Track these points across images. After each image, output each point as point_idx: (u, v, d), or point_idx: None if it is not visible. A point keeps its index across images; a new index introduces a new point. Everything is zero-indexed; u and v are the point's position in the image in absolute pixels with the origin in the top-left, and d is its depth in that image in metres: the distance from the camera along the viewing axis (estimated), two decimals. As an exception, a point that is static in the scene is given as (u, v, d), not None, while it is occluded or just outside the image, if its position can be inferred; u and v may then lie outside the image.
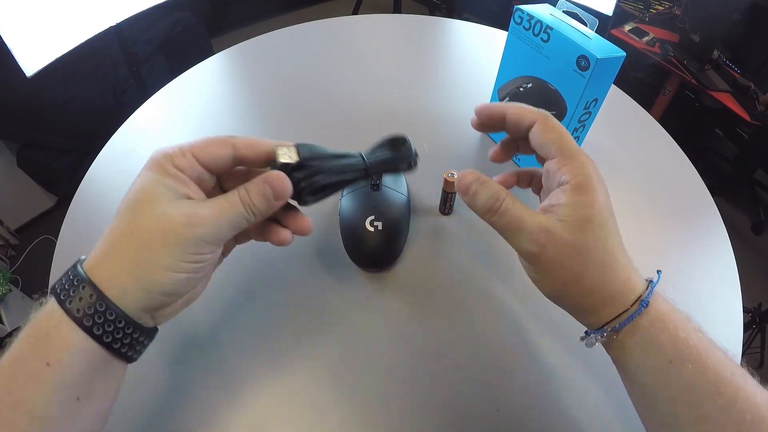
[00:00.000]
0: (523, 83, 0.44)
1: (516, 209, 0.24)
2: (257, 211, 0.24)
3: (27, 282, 1.31)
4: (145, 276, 0.21)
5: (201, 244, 0.22)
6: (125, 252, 0.21)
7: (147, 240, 0.21)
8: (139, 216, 0.21)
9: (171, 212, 0.21)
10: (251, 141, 0.25)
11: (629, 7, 1.59)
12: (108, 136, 0.52)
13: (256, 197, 0.23)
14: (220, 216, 0.22)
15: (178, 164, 0.23)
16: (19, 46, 0.87)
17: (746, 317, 1.22)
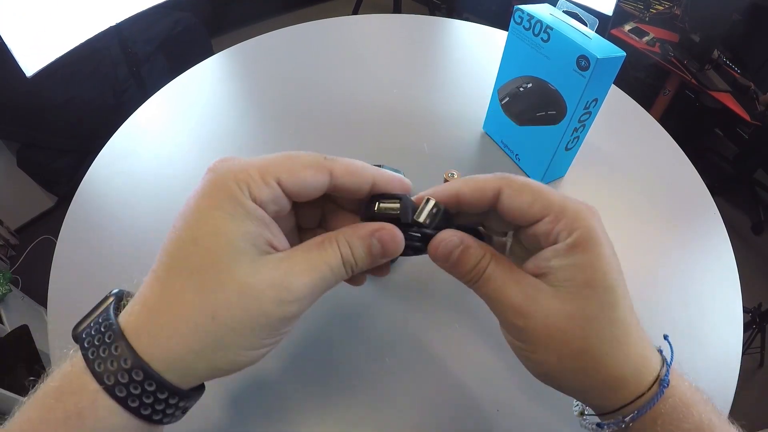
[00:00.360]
0: (523, 83, 0.44)
1: (499, 277, 0.19)
2: (357, 270, 0.19)
3: (27, 282, 1.31)
4: (217, 357, 0.17)
5: (291, 320, 0.18)
6: (190, 332, 0.16)
7: (225, 320, 0.16)
8: (213, 285, 0.16)
9: (257, 282, 0.17)
10: (352, 167, 0.19)
11: (629, 7, 1.59)
12: (108, 136, 0.52)
13: (361, 254, 0.19)
14: (316, 285, 0.18)
15: (258, 197, 0.17)
16: (19, 46, 0.87)
17: (746, 317, 1.22)
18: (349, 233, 0.19)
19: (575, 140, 0.43)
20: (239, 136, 0.52)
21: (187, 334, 0.16)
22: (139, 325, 0.17)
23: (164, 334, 0.16)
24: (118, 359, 0.16)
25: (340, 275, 0.19)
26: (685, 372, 0.21)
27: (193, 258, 0.17)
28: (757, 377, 1.24)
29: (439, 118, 0.55)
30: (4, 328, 1.02)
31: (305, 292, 0.18)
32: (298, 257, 0.18)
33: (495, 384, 0.32)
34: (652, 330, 0.36)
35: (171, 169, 0.48)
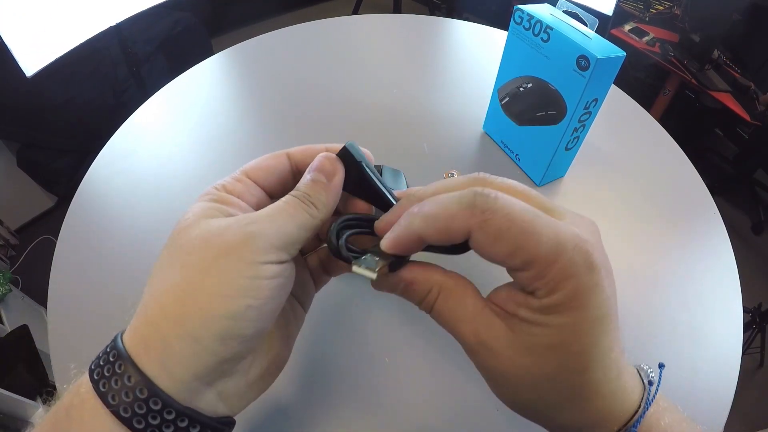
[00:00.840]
0: (523, 83, 0.44)
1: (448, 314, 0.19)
2: (318, 203, 0.19)
3: (27, 282, 1.31)
4: (189, 313, 0.15)
5: (262, 247, 0.16)
6: (162, 291, 0.16)
7: (191, 261, 0.16)
8: (181, 240, 0.17)
9: (218, 223, 0.17)
10: (306, 147, 0.21)
11: (629, 7, 1.59)
12: (108, 136, 0.52)
13: (309, 185, 0.19)
14: (278, 214, 0.17)
15: (232, 190, 0.19)
16: (19, 46, 0.87)
17: (746, 317, 1.22)
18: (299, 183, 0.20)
19: (575, 140, 0.43)
20: (239, 136, 0.52)
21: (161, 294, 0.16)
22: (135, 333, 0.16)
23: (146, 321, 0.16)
24: (122, 377, 0.15)
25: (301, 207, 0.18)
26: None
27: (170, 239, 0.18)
28: (757, 377, 1.24)
29: (439, 118, 0.55)
30: (4, 328, 1.02)
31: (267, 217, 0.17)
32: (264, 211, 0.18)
33: (495, 384, 0.32)
34: (652, 331, 0.36)
35: (171, 169, 0.48)
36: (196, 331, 0.15)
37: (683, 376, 0.34)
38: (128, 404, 0.15)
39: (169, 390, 0.15)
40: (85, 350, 0.34)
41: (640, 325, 0.36)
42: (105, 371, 0.15)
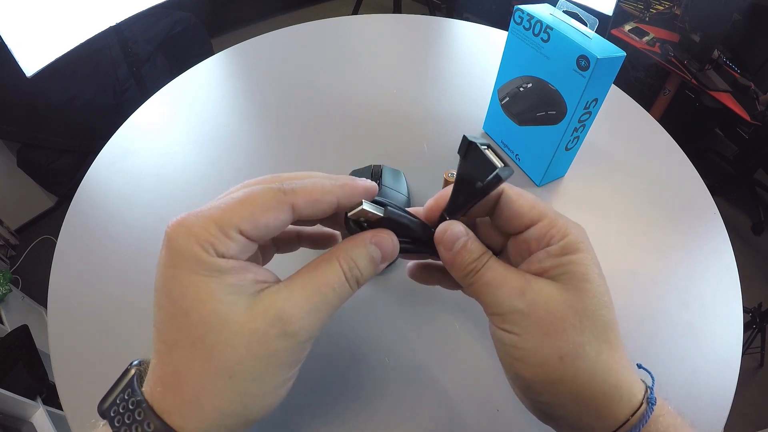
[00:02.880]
0: (523, 83, 0.44)
1: (499, 267, 0.20)
2: (363, 281, 0.19)
3: (27, 282, 1.31)
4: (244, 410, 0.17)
5: (303, 347, 0.18)
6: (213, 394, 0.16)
7: (241, 375, 0.16)
8: (221, 347, 0.16)
9: (258, 325, 0.17)
10: (312, 195, 0.18)
11: (629, 7, 1.59)
12: (108, 136, 0.52)
13: (365, 264, 0.19)
14: (322, 306, 0.18)
15: (225, 253, 0.17)
16: (19, 46, 0.87)
17: (746, 317, 1.22)
18: (349, 247, 0.19)
19: (575, 140, 0.43)
20: (239, 136, 0.52)
21: (215, 402, 0.16)
22: (164, 406, 0.17)
23: (192, 409, 0.16)
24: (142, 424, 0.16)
25: (345, 292, 0.19)
26: (668, 398, 0.20)
27: (190, 330, 0.16)
28: (757, 377, 1.24)
29: (439, 118, 0.55)
30: (4, 328, 1.02)
31: (308, 318, 0.17)
32: (296, 284, 0.18)
33: (495, 384, 0.32)
34: (652, 331, 0.36)
35: (171, 169, 0.48)
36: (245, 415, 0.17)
37: (683, 376, 0.34)
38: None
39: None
40: (85, 350, 0.34)
41: (640, 325, 0.36)
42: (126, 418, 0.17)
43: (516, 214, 0.20)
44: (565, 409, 0.19)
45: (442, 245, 0.20)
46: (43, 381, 0.93)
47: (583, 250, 0.19)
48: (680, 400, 0.32)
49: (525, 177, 0.48)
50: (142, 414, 0.16)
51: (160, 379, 0.17)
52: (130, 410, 0.16)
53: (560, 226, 0.19)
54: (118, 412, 0.17)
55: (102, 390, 0.18)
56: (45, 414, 0.88)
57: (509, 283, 0.19)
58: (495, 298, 0.19)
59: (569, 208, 0.45)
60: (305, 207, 0.18)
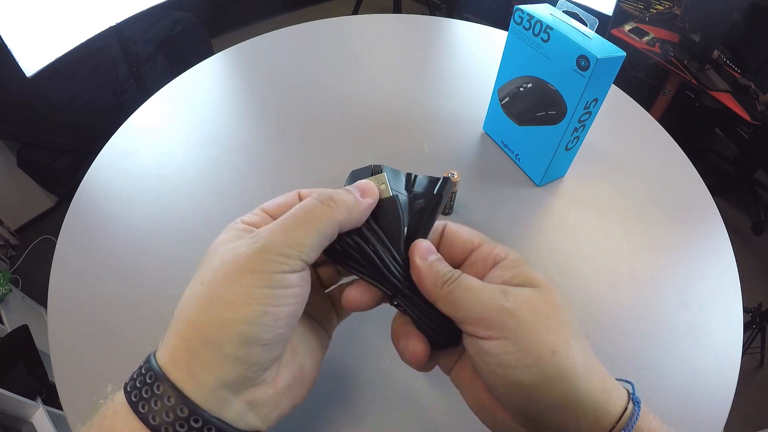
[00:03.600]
0: (523, 83, 0.44)
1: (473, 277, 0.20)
2: (342, 204, 0.19)
3: (27, 282, 1.31)
4: (210, 320, 0.16)
5: (272, 257, 0.17)
6: (186, 306, 0.17)
7: (209, 277, 0.17)
8: (205, 263, 0.18)
9: (233, 244, 0.18)
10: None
11: (629, 6, 1.59)
12: (108, 136, 0.52)
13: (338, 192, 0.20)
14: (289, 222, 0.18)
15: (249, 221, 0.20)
16: (19, 46, 0.87)
17: (746, 317, 1.22)
18: None
19: (575, 140, 0.43)
20: (239, 136, 0.52)
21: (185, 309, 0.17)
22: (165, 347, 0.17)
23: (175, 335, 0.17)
24: (161, 398, 0.16)
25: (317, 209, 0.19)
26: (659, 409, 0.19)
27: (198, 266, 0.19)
28: (757, 377, 1.24)
29: (439, 118, 0.55)
30: (4, 328, 1.02)
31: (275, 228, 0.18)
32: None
33: (495, 384, 0.32)
34: (652, 331, 0.36)
35: (171, 169, 0.48)
36: (217, 336, 0.16)
37: (683, 376, 0.34)
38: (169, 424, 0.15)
39: (197, 399, 0.16)
40: (85, 350, 0.34)
41: (640, 325, 0.36)
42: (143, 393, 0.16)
43: (460, 240, 0.22)
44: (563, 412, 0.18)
45: (418, 255, 0.21)
46: (43, 381, 0.93)
47: (527, 264, 0.20)
48: (680, 400, 0.33)
49: (525, 177, 0.48)
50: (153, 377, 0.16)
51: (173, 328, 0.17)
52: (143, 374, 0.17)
53: (499, 248, 0.21)
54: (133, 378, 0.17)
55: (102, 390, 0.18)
56: (45, 414, 0.88)
57: (490, 289, 0.19)
58: (479, 301, 0.19)
59: (569, 208, 0.45)
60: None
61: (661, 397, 0.32)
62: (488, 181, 0.47)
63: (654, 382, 0.33)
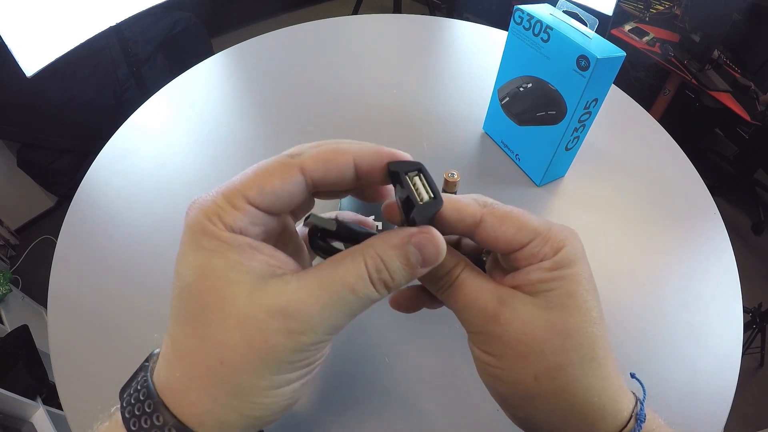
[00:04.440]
0: (523, 83, 0.44)
1: (472, 283, 0.18)
2: (395, 286, 0.17)
3: (27, 282, 1.31)
4: (243, 404, 0.15)
5: (310, 349, 0.16)
6: (205, 381, 0.15)
7: (233, 362, 0.15)
8: (213, 327, 0.15)
9: (257, 313, 0.15)
10: (323, 154, 0.17)
11: (629, 7, 1.59)
12: (108, 136, 0.52)
13: (397, 268, 0.16)
14: (336, 308, 0.15)
15: (231, 224, 0.16)
16: (19, 46, 0.87)
17: (746, 317, 1.22)
18: (381, 243, 0.16)
19: (575, 140, 0.43)
20: (239, 136, 0.52)
21: (205, 384, 0.15)
22: (163, 380, 0.16)
23: (184, 387, 0.15)
24: (151, 416, 0.15)
25: (368, 296, 0.16)
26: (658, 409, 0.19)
27: (190, 304, 0.16)
28: (757, 377, 1.24)
29: (439, 118, 0.55)
30: (4, 328, 1.02)
31: (317, 318, 0.15)
32: (310, 277, 0.16)
33: (495, 384, 0.32)
34: (652, 331, 0.36)
35: (171, 169, 0.48)
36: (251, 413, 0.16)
37: (683, 376, 0.34)
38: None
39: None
40: (85, 350, 0.34)
41: (640, 325, 0.36)
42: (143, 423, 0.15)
43: (500, 242, 0.18)
44: (543, 426, 0.18)
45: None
46: (43, 381, 0.93)
47: (575, 264, 0.17)
48: (680, 401, 0.33)
49: (525, 177, 0.48)
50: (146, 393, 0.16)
51: (163, 356, 0.16)
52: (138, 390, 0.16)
53: (553, 240, 0.18)
54: (130, 394, 0.16)
55: (102, 390, 0.19)
56: (45, 414, 0.88)
57: (482, 304, 0.18)
58: (468, 317, 0.18)
59: (569, 208, 0.45)
60: (315, 169, 0.16)
61: (661, 397, 0.32)
62: (488, 181, 0.47)
63: (654, 382, 0.33)
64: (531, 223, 0.18)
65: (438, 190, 0.17)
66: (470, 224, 0.18)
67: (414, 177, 0.17)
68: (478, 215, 0.18)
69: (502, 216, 0.18)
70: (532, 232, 0.18)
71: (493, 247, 0.19)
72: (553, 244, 0.18)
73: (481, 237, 0.18)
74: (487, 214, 0.18)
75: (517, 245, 0.18)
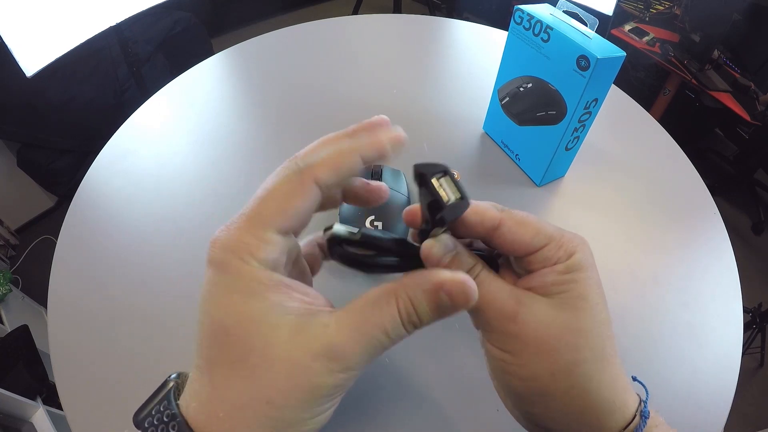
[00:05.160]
0: (523, 83, 0.44)
1: (490, 284, 0.19)
2: (422, 327, 0.17)
3: (27, 282, 1.31)
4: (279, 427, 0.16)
5: (347, 383, 0.17)
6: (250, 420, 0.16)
7: (280, 402, 0.16)
8: (260, 371, 0.16)
9: (302, 357, 0.16)
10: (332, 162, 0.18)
11: (629, 6, 1.59)
12: (108, 136, 0.52)
13: (425, 311, 0.17)
14: (373, 350, 0.17)
15: (265, 260, 0.16)
16: (19, 46, 0.87)
17: (746, 317, 1.22)
18: (412, 286, 0.17)
19: (575, 140, 0.43)
20: (239, 136, 0.52)
21: (250, 423, 0.16)
22: (198, 422, 0.16)
23: (229, 427, 0.16)
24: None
25: (400, 336, 0.17)
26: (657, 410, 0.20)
27: (231, 349, 0.16)
28: (757, 377, 1.24)
29: (439, 118, 0.55)
30: (4, 328, 1.02)
31: (356, 358, 0.16)
32: (347, 320, 0.17)
33: (495, 384, 0.32)
34: (652, 331, 0.36)
35: (171, 169, 0.48)
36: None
37: (683, 376, 0.34)
38: None
39: None
40: (85, 350, 0.34)
41: (640, 325, 0.36)
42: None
43: (517, 245, 0.19)
44: (556, 422, 0.19)
45: (428, 262, 0.19)
46: (43, 381, 0.93)
47: (586, 269, 0.19)
48: (680, 400, 0.33)
49: (525, 177, 0.48)
50: (176, 427, 0.16)
51: (197, 394, 0.16)
52: (165, 422, 0.16)
53: (566, 246, 0.19)
54: (153, 424, 0.16)
55: (102, 390, 0.18)
56: (45, 414, 0.88)
57: (500, 304, 0.19)
58: (485, 317, 0.19)
59: (569, 208, 0.45)
60: (329, 177, 0.17)
61: (662, 397, 0.32)
62: (488, 181, 0.47)
63: (654, 382, 0.33)
64: (546, 228, 0.19)
65: (465, 191, 0.18)
66: (489, 227, 0.19)
67: (441, 179, 0.18)
68: (497, 219, 0.19)
69: (520, 220, 0.19)
70: (547, 237, 0.19)
71: (509, 249, 0.19)
72: (567, 249, 0.19)
73: (499, 240, 0.19)
74: (506, 219, 0.19)
75: (533, 249, 0.19)
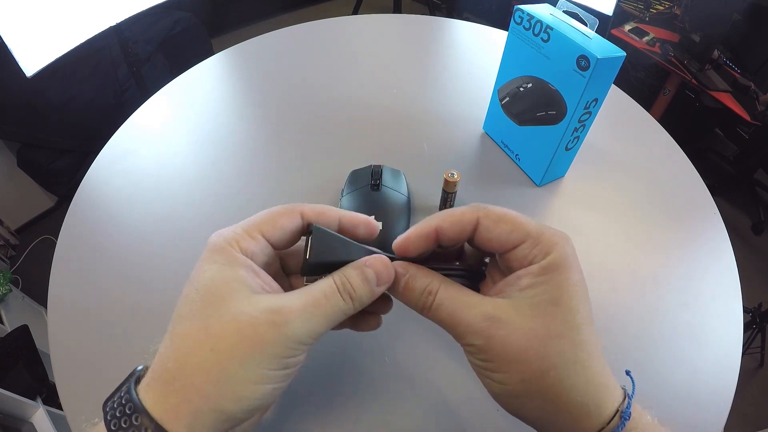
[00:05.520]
0: (523, 83, 0.44)
1: (453, 301, 0.20)
2: (357, 300, 0.20)
3: (27, 282, 1.31)
4: (223, 394, 0.17)
5: (292, 345, 0.18)
6: (193, 368, 0.17)
7: (224, 349, 0.17)
8: (211, 319, 0.18)
9: (251, 310, 0.18)
10: (319, 208, 0.22)
11: (629, 7, 1.59)
12: (108, 136, 0.52)
13: (358, 283, 0.20)
14: (314, 309, 0.19)
15: (246, 249, 0.20)
16: (19, 46, 0.87)
17: (746, 317, 1.22)
18: (345, 267, 0.21)
19: (575, 140, 0.43)
20: (239, 136, 0.52)
21: (192, 372, 0.17)
22: (153, 388, 0.17)
23: (171, 377, 0.17)
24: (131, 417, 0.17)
25: (338, 303, 0.19)
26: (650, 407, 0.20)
27: (194, 304, 0.18)
28: (757, 377, 1.24)
29: (439, 118, 0.55)
30: (4, 328, 1.02)
31: (301, 313, 0.18)
32: (292, 293, 0.20)
33: (495, 384, 0.32)
34: (652, 331, 0.36)
35: (171, 169, 0.48)
36: (230, 409, 0.17)
37: (683, 376, 0.34)
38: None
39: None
40: (85, 350, 0.34)
41: (640, 325, 0.36)
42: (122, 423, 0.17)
43: (495, 243, 0.20)
44: (536, 419, 0.20)
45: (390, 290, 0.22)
46: (43, 381, 0.93)
47: (564, 269, 0.19)
48: (680, 400, 0.33)
49: (525, 177, 0.48)
50: (132, 408, 0.17)
51: (160, 363, 0.18)
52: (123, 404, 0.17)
53: (543, 244, 0.19)
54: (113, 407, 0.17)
55: (102, 390, 0.19)
56: (45, 414, 0.88)
57: (467, 321, 0.19)
58: (454, 331, 0.20)
59: (569, 208, 0.45)
60: (311, 217, 0.21)
61: (661, 397, 0.32)
62: (488, 181, 0.47)
63: (654, 382, 0.33)
64: (524, 225, 0.20)
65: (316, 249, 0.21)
66: (469, 231, 0.21)
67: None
68: (474, 219, 0.20)
69: (496, 218, 0.20)
70: (524, 233, 0.20)
71: (488, 247, 0.21)
72: (543, 248, 0.19)
73: (478, 240, 0.21)
74: (483, 217, 0.20)
75: (510, 246, 0.20)
